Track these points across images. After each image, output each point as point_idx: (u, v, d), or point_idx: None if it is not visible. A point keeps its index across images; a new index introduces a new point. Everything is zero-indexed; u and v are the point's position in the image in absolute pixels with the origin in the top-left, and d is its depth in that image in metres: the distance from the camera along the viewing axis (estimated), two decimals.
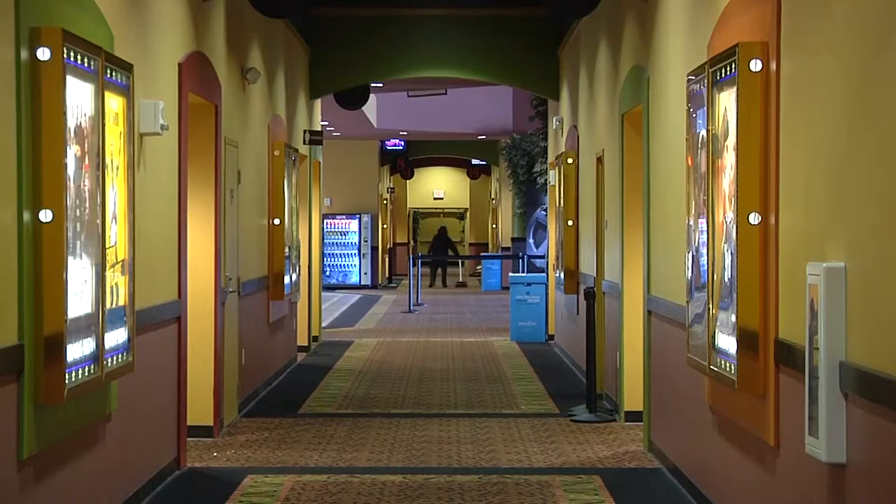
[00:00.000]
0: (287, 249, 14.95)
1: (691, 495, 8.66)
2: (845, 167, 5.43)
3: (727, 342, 7.00)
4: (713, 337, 7.31)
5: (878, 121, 5.03)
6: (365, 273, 37.65)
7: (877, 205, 5.04)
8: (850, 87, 5.37)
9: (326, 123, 27.57)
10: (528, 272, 26.20)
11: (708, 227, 7.46)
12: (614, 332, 12.28)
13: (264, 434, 11.26)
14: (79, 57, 6.56)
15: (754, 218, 6.63)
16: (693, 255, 7.97)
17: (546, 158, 22.26)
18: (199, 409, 10.76)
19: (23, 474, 6.17)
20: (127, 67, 7.57)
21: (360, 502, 8.47)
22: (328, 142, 29.09)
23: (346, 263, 37.45)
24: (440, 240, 40.67)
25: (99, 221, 6.96)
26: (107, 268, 7.12)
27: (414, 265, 30.34)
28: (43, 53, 6.21)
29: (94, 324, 6.88)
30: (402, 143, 40.56)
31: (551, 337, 20.02)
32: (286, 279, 14.83)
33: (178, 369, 9.62)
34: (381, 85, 24.44)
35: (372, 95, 25.34)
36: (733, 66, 6.78)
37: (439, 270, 41.49)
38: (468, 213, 52.47)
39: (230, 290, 11.74)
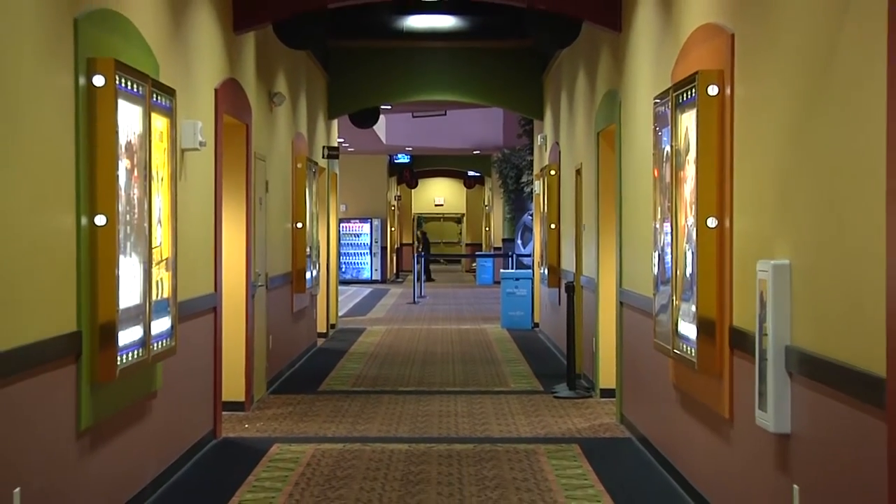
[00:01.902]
0: (308, 249, 14.96)
1: (657, 461, 8.67)
2: (790, 178, 5.44)
3: (688, 329, 7.01)
4: (676, 324, 7.33)
5: (817, 137, 5.05)
6: (375, 269, 37.67)
7: (817, 210, 5.06)
8: (793, 108, 5.39)
9: (342, 140, 27.58)
10: (516, 269, 26.19)
11: (672, 229, 7.47)
12: (591, 320, 12.29)
13: (289, 408, 11.28)
14: (129, 83, 6.59)
15: (711, 222, 6.65)
16: (659, 254, 7.99)
17: (532, 171, 22.28)
18: (233, 387, 10.78)
19: (80, 443, 6.20)
20: (170, 92, 7.59)
21: (371, 467, 8.48)
22: (343, 156, 29.07)
23: (359, 261, 37.46)
24: (425, 241, 40.60)
25: (146, 225, 6.98)
26: (153, 265, 7.14)
27: (418, 263, 30.34)
28: (98, 80, 6.23)
29: (142, 313, 6.91)
30: (408, 156, 40.57)
31: (536, 324, 20.03)
32: (307, 275, 14.85)
33: (214, 352, 9.64)
34: (389, 107, 24.46)
35: (381, 116, 25.34)
36: (693, 90, 6.79)
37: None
38: (465, 218, 52.44)
39: (259, 284, 11.76)
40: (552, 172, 16.09)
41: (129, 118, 6.62)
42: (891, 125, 4.12)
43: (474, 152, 36.68)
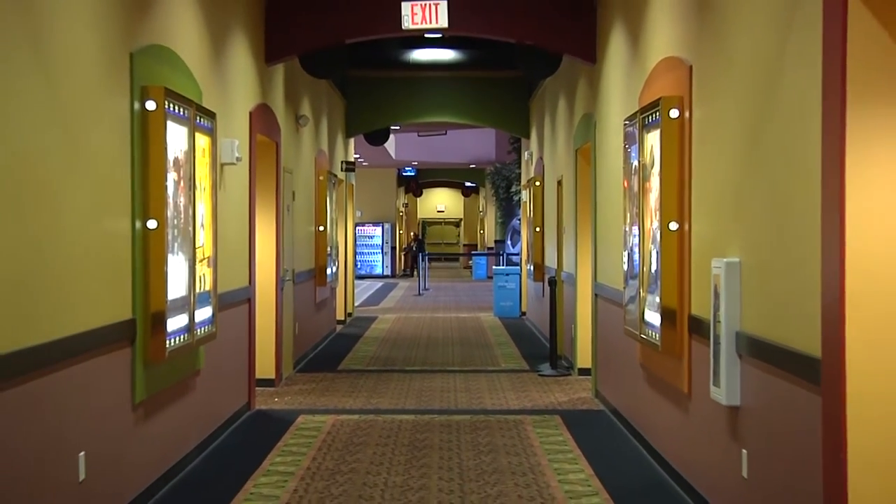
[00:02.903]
0: (329, 249, 14.98)
1: (626, 430, 8.68)
2: (739, 189, 5.46)
3: (653, 317, 7.03)
4: (643, 313, 7.34)
5: (762, 155, 5.07)
6: (386, 266, 37.66)
7: (763, 216, 5.08)
8: (742, 129, 5.41)
9: (358, 156, 27.58)
10: (506, 266, 26.21)
11: (639, 232, 7.48)
12: (570, 310, 12.30)
13: (312, 385, 11.29)
14: (176, 107, 6.60)
15: (673, 225, 6.66)
16: (628, 253, 8.00)
17: (520, 182, 22.27)
18: (265, 366, 10.80)
19: (136, 414, 6.22)
20: (211, 115, 7.60)
21: (383, 435, 8.49)
22: (359, 169, 29.09)
23: (372, 259, 37.45)
24: (419, 243, 40.61)
25: (191, 228, 7.00)
26: (196, 262, 7.16)
27: (422, 261, 30.34)
28: (150, 105, 6.25)
29: (187, 303, 6.92)
30: (414, 170, 40.56)
31: (524, 313, 20.04)
32: (328, 270, 14.87)
33: (248, 337, 9.65)
34: (398, 127, 24.48)
35: (391, 135, 25.37)
36: (657, 113, 6.81)
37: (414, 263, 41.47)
38: (462, 222, 52.41)
39: (287, 278, 11.77)
40: (537, 183, 16.10)
41: (176, 137, 6.63)
42: (826, 145, 4.14)
43: (471, 166, 36.69)
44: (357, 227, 33.33)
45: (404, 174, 41.04)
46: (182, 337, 6.78)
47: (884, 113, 3.94)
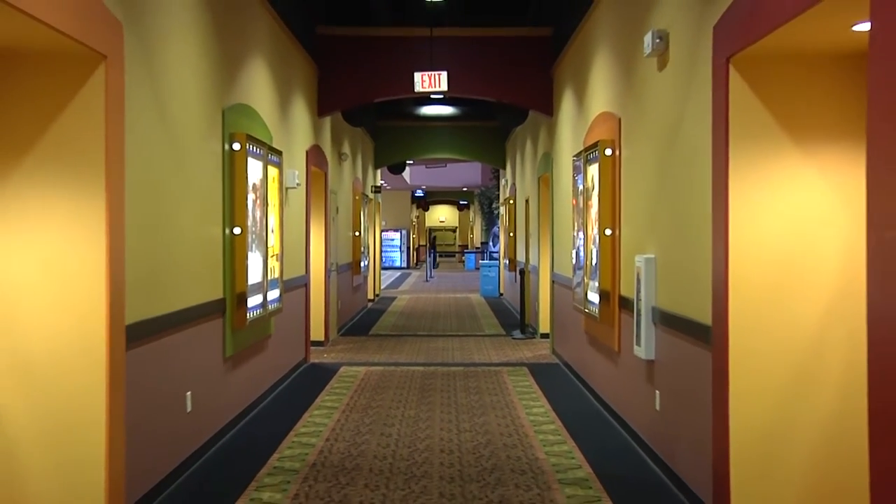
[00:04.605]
0: (362, 248, 15.00)
1: (574, 377, 8.70)
2: (654, 206, 5.51)
3: (593, 297, 7.06)
4: (586, 294, 7.37)
5: (669, 181, 5.12)
6: (403, 261, 37.62)
7: (670, 225, 5.13)
8: (655, 163, 5.46)
9: (383, 181, 27.58)
10: (489, 260, 26.20)
11: (583, 236, 7.52)
12: (535, 291, 12.33)
13: (350, 345, 11.32)
14: (254, 147, 6.64)
15: (608, 231, 6.69)
16: (576, 251, 8.03)
17: (499, 200, 22.26)
18: (317, 331, 10.82)
19: (226, 365, 6.26)
20: (279, 153, 7.63)
21: (401, 380, 8.52)
22: (384, 191, 29.05)
23: (393, 255, 37.40)
24: (433, 244, 40.45)
25: (264, 233, 7.03)
26: (268, 257, 7.19)
27: (430, 256, 30.29)
28: (236, 146, 6.29)
29: (262, 287, 6.95)
30: (423, 191, 40.52)
31: (502, 294, 20.03)
32: (362, 263, 14.88)
33: (305, 311, 9.68)
34: (412, 161, 24.48)
35: (407, 167, 25.35)
36: (596, 152, 6.84)
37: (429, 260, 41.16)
38: (457, 229, 52.28)
39: (333, 269, 11.79)
40: (511, 202, 16.12)
41: (254, 169, 6.67)
42: (714, 173, 4.20)
43: (463, 189, 36.65)
44: (382, 233, 33.32)
45: (416, 195, 41.00)
46: (258, 311, 6.82)
47: (755, 152, 4.00)
